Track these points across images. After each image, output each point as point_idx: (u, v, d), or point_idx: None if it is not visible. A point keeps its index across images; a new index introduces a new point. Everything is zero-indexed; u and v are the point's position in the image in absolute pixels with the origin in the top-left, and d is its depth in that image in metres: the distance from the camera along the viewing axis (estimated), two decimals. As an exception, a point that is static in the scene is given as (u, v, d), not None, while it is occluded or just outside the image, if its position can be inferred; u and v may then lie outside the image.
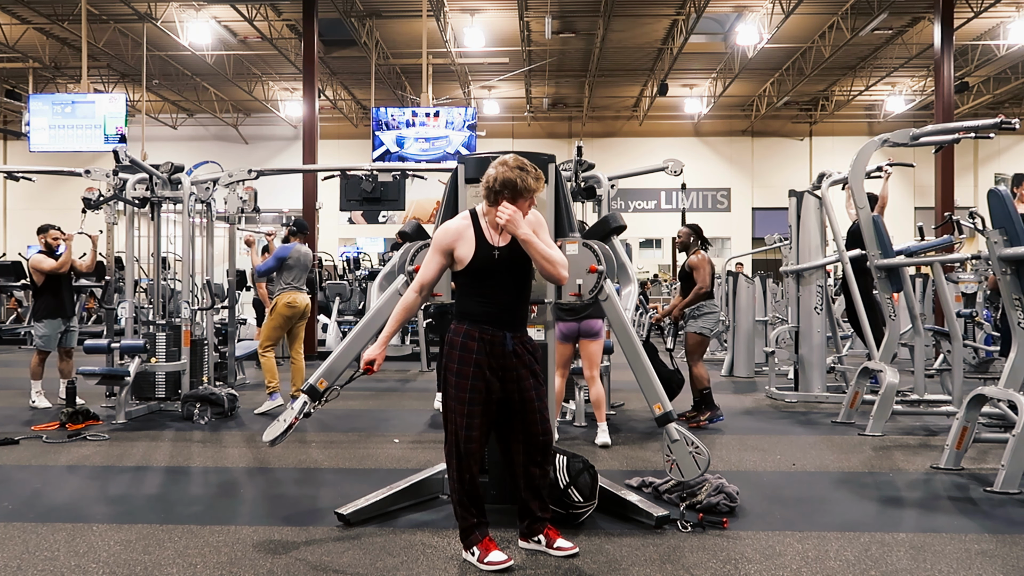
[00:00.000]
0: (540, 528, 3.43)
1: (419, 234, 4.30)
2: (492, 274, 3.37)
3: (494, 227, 3.37)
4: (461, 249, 3.36)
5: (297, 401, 3.94)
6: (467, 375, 3.31)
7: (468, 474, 3.35)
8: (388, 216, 24.34)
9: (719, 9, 17.57)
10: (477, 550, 3.29)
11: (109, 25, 17.76)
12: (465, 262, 3.35)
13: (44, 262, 7.47)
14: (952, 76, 14.30)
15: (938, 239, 7.99)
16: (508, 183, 3.30)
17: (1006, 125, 6.10)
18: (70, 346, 7.65)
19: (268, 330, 7.42)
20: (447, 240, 3.38)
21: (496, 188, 3.32)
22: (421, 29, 15.94)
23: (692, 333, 6.69)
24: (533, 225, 3.38)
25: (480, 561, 3.25)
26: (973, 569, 3.25)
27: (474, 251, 3.34)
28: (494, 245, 3.36)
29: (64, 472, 5.02)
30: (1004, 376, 4.63)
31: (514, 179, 3.30)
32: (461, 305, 3.46)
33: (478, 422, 3.32)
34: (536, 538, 3.44)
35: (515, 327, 3.41)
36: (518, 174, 3.31)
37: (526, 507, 3.44)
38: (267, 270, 7.53)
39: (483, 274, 3.37)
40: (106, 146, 14.32)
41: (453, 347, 3.37)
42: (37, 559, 3.35)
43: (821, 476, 4.90)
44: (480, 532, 3.34)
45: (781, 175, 25.96)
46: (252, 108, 25.53)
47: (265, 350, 7.37)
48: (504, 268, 3.37)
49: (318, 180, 13.59)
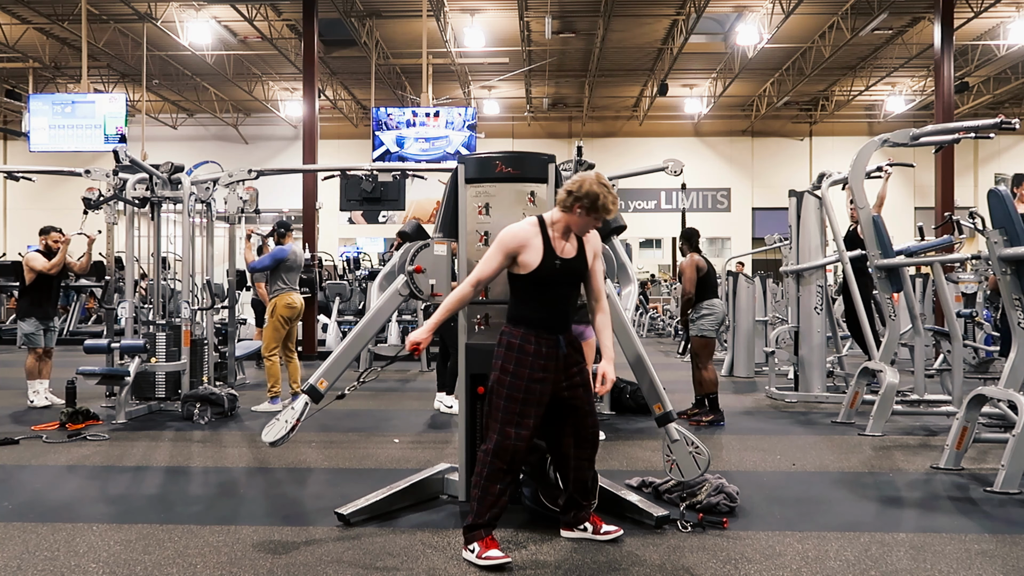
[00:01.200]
0: (585, 517, 3.60)
1: (419, 234, 4.30)
2: (554, 283, 3.46)
3: (561, 237, 3.46)
4: (527, 256, 3.42)
5: (298, 401, 3.94)
6: (523, 376, 3.38)
7: (511, 475, 3.41)
8: (388, 216, 24.35)
9: (719, 9, 17.57)
10: (477, 546, 3.30)
11: (109, 25, 17.76)
12: (530, 269, 3.41)
13: (36, 260, 7.48)
14: (952, 76, 14.30)
15: (938, 239, 7.98)
16: (592, 195, 3.37)
17: (1006, 125, 6.10)
18: (50, 346, 7.68)
19: (271, 332, 7.41)
20: (514, 244, 3.44)
21: (578, 195, 3.37)
22: (421, 29, 15.94)
23: (694, 336, 6.72)
24: (595, 249, 3.57)
25: (479, 557, 3.27)
26: (973, 569, 3.25)
27: (540, 260, 3.41)
28: (560, 256, 3.44)
29: (64, 472, 5.02)
30: (1004, 376, 4.63)
31: (598, 193, 3.37)
32: (518, 309, 3.51)
33: (530, 422, 3.39)
34: (582, 526, 3.60)
35: (566, 329, 3.53)
36: (604, 191, 3.39)
37: (573, 499, 3.59)
38: (262, 268, 7.56)
39: (546, 282, 3.45)
40: (106, 146, 14.33)
41: (510, 349, 3.43)
42: (37, 559, 3.35)
43: (821, 476, 4.90)
44: (486, 531, 3.36)
45: (781, 175, 25.97)
46: (252, 108, 25.53)
47: (271, 353, 7.36)
48: (565, 279, 3.49)
49: (318, 180, 13.59)
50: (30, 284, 7.50)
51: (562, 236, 3.46)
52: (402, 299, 4.17)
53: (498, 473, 3.37)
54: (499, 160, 4.02)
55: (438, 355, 7.48)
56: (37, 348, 7.48)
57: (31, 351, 7.50)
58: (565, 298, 3.52)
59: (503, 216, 4.01)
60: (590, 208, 3.38)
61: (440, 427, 6.56)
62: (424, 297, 4.15)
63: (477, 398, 4.05)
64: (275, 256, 7.40)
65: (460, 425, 4.07)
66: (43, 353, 7.58)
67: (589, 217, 3.40)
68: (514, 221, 3.99)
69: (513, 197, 4.02)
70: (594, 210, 3.38)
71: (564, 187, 3.44)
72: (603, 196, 3.37)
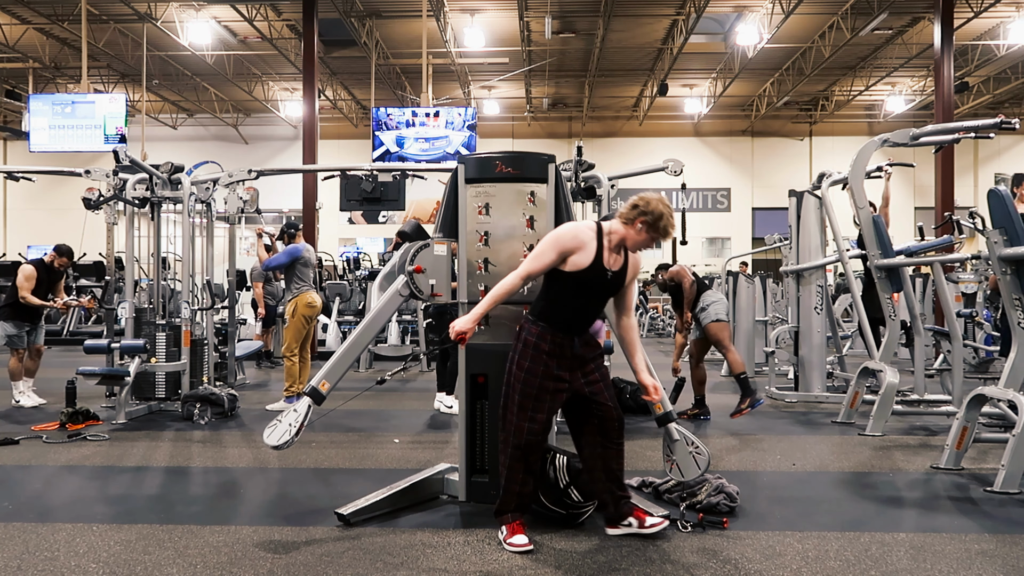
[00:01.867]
0: (628, 511, 3.61)
1: (419, 234, 4.31)
2: (592, 289, 3.54)
3: (613, 248, 3.53)
4: (580, 256, 3.47)
5: (300, 404, 3.92)
6: (537, 373, 3.50)
7: (528, 464, 3.54)
8: (388, 216, 24.35)
9: (719, 9, 17.57)
10: (505, 529, 3.51)
11: (109, 25, 17.76)
12: (578, 268, 3.47)
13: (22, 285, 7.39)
14: (952, 76, 14.30)
15: (938, 239, 7.98)
16: (657, 214, 3.44)
17: (1006, 125, 6.10)
18: (38, 344, 7.70)
19: (293, 332, 7.41)
20: (573, 244, 3.49)
21: (644, 210, 3.44)
22: (421, 29, 15.94)
23: (708, 324, 6.75)
24: (636, 270, 3.63)
25: (506, 541, 3.46)
26: (973, 569, 3.25)
27: (590, 263, 3.47)
28: (608, 267, 3.52)
29: (64, 472, 5.02)
30: (1004, 376, 4.63)
31: (663, 213, 3.45)
32: (547, 306, 3.57)
33: (542, 417, 3.51)
34: (626, 522, 3.60)
35: (583, 333, 3.61)
36: (669, 212, 3.46)
37: (611, 492, 3.63)
38: (277, 265, 7.61)
39: (586, 287, 3.51)
40: (106, 146, 14.33)
41: (527, 346, 3.53)
42: (37, 559, 3.35)
43: (821, 476, 4.90)
44: (513, 516, 3.53)
45: (781, 175, 25.98)
46: (252, 108, 25.53)
47: (293, 354, 7.37)
48: (603, 289, 3.57)
49: (318, 180, 13.59)
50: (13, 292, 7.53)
51: (614, 248, 3.54)
52: (402, 299, 4.17)
53: (516, 463, 3.54)
54: (499, 160, 4.02)
55: (438, 355, 7.48)
56: (19, 349, 7.50)
57: (13, 352, 7.52)
58: (595, 306, 3.61)
59: (503, 216, 4.02)
60: (651, 225, 3.45)
61: (440, 427, 6.56)
62: (424, 297, 4.14)
63: (477, 398, 4.06)
64: (290, 253, 7.44)
65: (460, 425, 4.07)
66: (32, 352, 7.60)
67: (648, 235, 3.47)
68: (514, 221, 4.02)
69: (513, 197, 4.02)
70: (655, 229, 3.45)
71: (630, 201, 3.51)
72: (667, 217, 3.45)
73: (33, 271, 7.46)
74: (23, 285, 7.40)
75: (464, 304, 4.05)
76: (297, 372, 7.37)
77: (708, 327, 6.79)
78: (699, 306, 6.81)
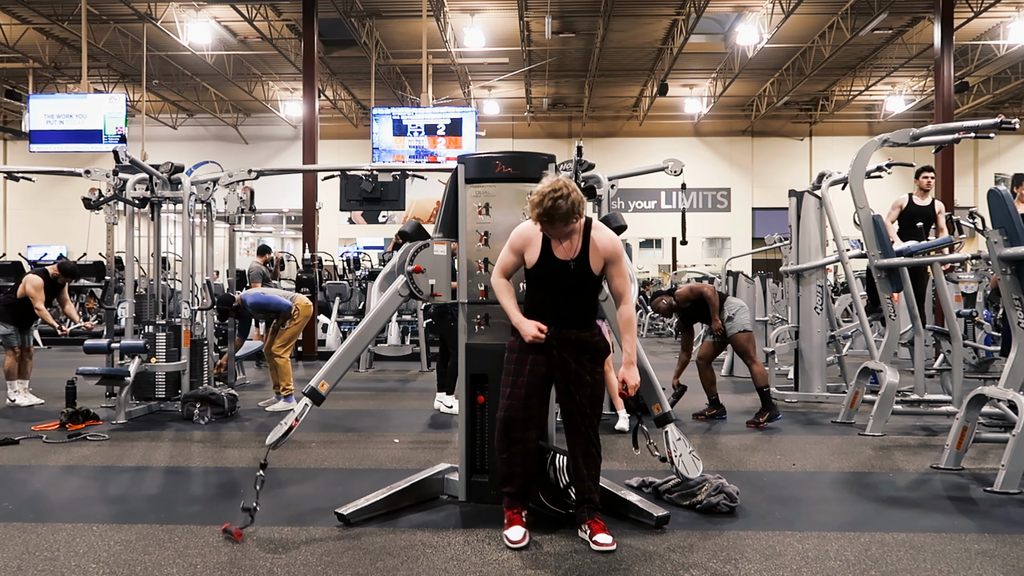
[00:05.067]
0: (586, 518, 3.54)
1: (419, 234, 4.29)
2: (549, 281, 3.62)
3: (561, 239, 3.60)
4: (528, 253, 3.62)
5: (299, 403, 3.94)
6: (516, 349, 3.62)
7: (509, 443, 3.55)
8: (388, 216, 24.34)
9: (719, 9, 17.57)
10: (505, 517, 3.55)
11: (109, 25, 17.77)
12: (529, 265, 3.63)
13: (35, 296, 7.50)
14: (952, 76, 14.31)
15: (938, 239, 7.98)
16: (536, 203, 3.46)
17: (1006, 125, 6.10)
18: (29, 344, 7.79)
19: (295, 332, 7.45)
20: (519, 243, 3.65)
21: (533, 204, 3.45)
22: (421, 29, 15.94)
23: (736, 335, 6.75)
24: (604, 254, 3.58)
25: (505, 529, 3.51)
26: (973, 569, 3.25)
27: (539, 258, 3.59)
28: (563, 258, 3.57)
29: (64, 472, 5.02)
30: (1004, 376, 4.63)
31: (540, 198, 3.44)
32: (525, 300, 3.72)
33: (520, 393, 3.55)
34: (583, 527, 3.55)
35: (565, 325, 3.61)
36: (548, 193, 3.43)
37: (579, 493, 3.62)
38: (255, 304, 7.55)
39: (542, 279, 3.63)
40: (106, 146, 14.31)
41: (514, 333, 3.68)
42: (37, 559, 3.35)
43: (821, 476, 4.90)
44: (510, 501, 3.57)
45: (781, 175, 25.98)
46: (252, 108, 25.53)
47: (284, 352, 7.39)
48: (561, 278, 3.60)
49: (318, 180, 13.59)
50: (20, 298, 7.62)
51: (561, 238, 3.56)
52: (402, 299, 4.17)
53: (499, 439, 3.59)
54: (499, 160, 4.02)
55: (438, 355, 7.48)
56: (13, 347, 7.58)
57: (8, 350, 7.59)
58: (570, 296, 3.61)
59: (503, 216, 4.01)
60: (541, 215, 3.43)
61: (440, 427, 6.56)
62: (424, 297, 4.14)
63: (477, 398, 4.06)
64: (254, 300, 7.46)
65: (460, 425, 4.07)
66: (22, 352, 7.66)
67: (544, 224, 3.46)
68: (514, 221, 4.01)
69: (513, 197, 4.01)
70: (544, 215, 3.41)
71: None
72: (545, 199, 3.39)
73: (41, 281, 7.62)
74: (36, 296, 7.53)
75: (464, 304, 4.05)
76: (291, 369, 7.40)
77: (735, 338, 6.77)
78: (725, 315, 6.79)
